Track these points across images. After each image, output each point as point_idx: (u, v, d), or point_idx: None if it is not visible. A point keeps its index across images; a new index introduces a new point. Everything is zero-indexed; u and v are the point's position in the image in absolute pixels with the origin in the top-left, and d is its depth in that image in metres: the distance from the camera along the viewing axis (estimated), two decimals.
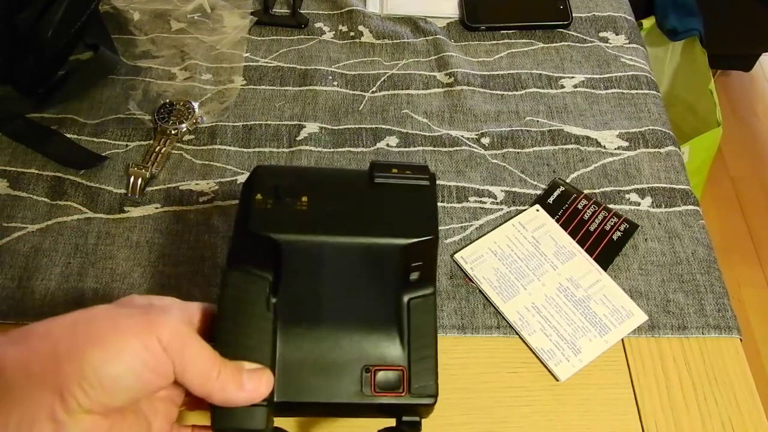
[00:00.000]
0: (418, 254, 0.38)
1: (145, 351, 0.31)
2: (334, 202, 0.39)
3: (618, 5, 0.76)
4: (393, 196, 0.40)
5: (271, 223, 0.37)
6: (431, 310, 0.39)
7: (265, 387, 0.35)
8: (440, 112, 0.66)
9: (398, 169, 0.40)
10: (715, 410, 0.49)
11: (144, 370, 0.31)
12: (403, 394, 0.38)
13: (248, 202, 0.38)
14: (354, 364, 0.38)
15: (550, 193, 0.60)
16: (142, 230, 0.57)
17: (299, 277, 0.38)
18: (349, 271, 0.38)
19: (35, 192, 0.59)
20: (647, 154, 0.63)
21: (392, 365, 0.38)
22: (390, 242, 0.38)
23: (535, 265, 0.55)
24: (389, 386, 0.38)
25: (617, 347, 0.52)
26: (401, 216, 0.39)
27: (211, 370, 0.33)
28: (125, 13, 0.72)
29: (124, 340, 0.31)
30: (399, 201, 0.39)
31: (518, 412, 0.49)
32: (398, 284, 0.39)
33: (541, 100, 0.67)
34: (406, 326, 0.39)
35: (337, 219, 0.38)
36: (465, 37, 0.73)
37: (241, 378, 0.34)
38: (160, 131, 0.63)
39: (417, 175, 0.40)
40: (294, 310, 0.38)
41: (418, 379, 0.38)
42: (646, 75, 0.70)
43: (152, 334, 0.31)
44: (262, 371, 0.35)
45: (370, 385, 0.37)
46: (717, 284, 0.55)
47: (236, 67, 0.68)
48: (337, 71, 0.69)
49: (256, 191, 0.38)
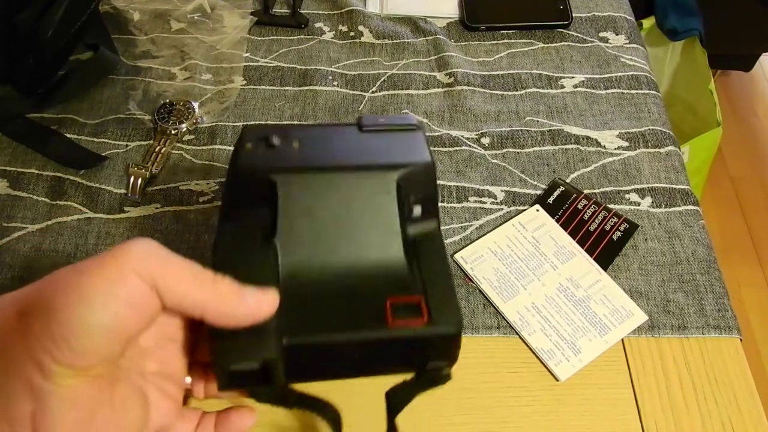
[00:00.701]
0: (416, 184, 0.37)
1: (116, 284, 0.27)
2: (326, 145, 0.38)
3: (618, 5, 0.76)
4: (383, 137, 0.39)
5: (262, 162, 0.36)
6: (438, 243, 0.37)
7: (268, 303, 0.31)
8: (440, 112, 0.66)
9: (385, 119, 0.40)
10: (715, 410, 0.49)
11: (119, 305, 0.27)
12: (424, 322, 0.33)
13: (238, 150, 0.37)
14: (366, 297, 0.34)
15: (550, 193, 0.60)
16: (142, 230, 0.57)
17: (297, 213, 0.36)
18: (349, 205, 0.36)
19: (35, 192, 0.59)
20: (647, 154, 0.63)
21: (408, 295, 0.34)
22: (386, 169, 0.37)
23: (535, 265, 0.55)
24: (407, 315, 0.34)
25: (617, 347, 0.52)
26: (394, 150, 0.38)
27: (204, 278, 0.30)
28: (125, 13, 0.72)
29: (88, 279, 0.27)
30: (390, 140, 0.39)
31: (518, 412, 0.49)
32: (401, 217, 0.37)
33: (541, 100, 0.67)
34: (416, 261, 0.36)
35: (330, 155, 0.37)
36: (465, 37, 0.73)
37: (242, 291, 0.31)
38: (160, 131, 0.63)
39: (403, 122, 0.40)
40: (295, 248, 0.35)
41: (439, 306, 0.34)
42: (646, 75, 0.70)
43: (120, 264, 0.28)
44: (265, 288, 0.32)
45: (387, 317, 0.33)
46: (717, 284, 0.55)
47: (236, 67, 0.68)
48: (337, 71, 0.69)
49: (245, 141, 0.37)
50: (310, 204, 0.36)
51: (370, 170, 0.37)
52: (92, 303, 0.27)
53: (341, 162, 0.37)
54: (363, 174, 0.37)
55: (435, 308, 0.34)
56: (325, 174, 0.36)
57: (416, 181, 0.37)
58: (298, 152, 0.37)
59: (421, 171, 0.37)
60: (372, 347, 0.34)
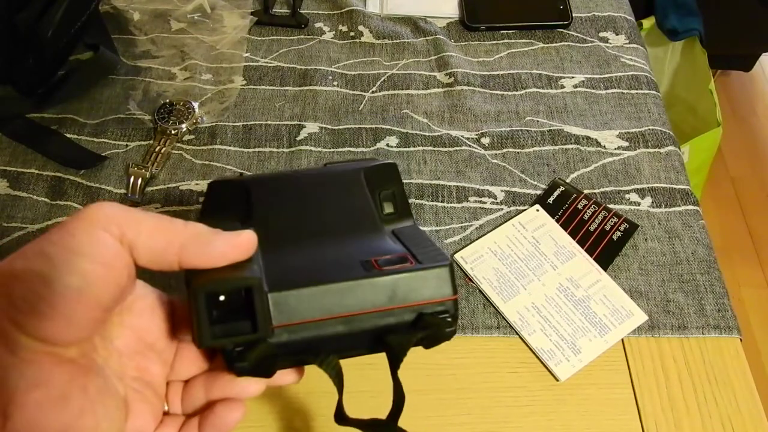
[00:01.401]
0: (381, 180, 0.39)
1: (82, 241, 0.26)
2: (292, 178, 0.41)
3: (618, 5, 0.76)
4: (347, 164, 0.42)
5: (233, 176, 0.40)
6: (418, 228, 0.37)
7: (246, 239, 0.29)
8: (440, 112, 0.66)
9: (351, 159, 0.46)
10: (715, 410, 0.49)
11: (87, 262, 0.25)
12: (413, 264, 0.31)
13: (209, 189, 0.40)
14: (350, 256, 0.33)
15: (550, 193, 0.60)
16: None
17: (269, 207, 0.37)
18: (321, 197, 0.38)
19: (35, 192, 0.59)
20: (647, 154, 0.63)
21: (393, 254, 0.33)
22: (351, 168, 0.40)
23: (535, 265, 0.55)
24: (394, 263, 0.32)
25: (617, 347, 0.52)
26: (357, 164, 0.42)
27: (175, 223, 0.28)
28: (125, 13, 0.72)
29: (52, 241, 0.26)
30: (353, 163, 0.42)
31: (518, 412, 0.49)
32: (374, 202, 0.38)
33: (541, 100, 0.67)
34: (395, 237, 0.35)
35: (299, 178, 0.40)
36: (465, 37, 0.73)
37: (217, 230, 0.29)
38: (160, 131, 0.63)
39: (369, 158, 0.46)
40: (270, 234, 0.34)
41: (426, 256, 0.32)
42: (646, 75, 0.70)
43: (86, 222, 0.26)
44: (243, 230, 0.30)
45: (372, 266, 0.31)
46: (717, 284, 0.55)
47: (236, 67, 0.68)
48: (337, 71, 0.69)
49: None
50: (283, 199, 0.37)
51: (337, 171, 0.40)
52: (57, 263, 0.25)
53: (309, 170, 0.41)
54: (331, 174, 0.40)
55: (421, 257, 0.32)
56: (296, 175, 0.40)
57: (380, 177, 0.40)
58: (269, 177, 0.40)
59: (383, 169, 0.40)
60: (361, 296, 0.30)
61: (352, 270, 0.31)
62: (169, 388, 0.35)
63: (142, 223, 0.27)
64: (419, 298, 0.31)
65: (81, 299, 0.25)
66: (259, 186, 0.38)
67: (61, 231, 0.26)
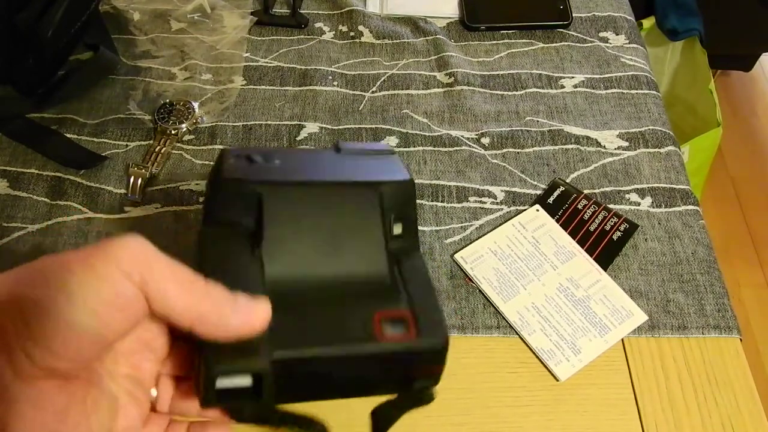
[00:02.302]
0: (396, 201, 0.37)
1: (104, 284, 0.26)
2: (306, 164, 0.38)
3: (618, 5, 0.76)
4: (361, 159, 0.40)
5: (247, 174, 0.36)
6: (420, 263, 0.37)
7: (262, 314, 0.30)
8: (440, 112, 0.66)
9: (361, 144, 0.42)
10: (715, 410, 0.49)
11: (105, 307, 0.26)
12: (412, 337, 0.34)
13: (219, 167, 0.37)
14: (354, 310, 0.34)
15: (550, 193, 0.60)
16: (142, 230, 0.57)
17: (282, 225, 0.35)
18: (333, 218, 0.36)
19: (35, 192, 0.59)
20: (647, 154, 0.63)
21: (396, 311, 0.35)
22: (368, 185, 0.37)
23: (535, 265, 0.55)
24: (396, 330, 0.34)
25: (617, 347, 0.52)
26: (373, 169, 0.39)
27: (196, 285, 0.28)
28: (125, 13, 0.72)
29: (75, 278, 0.25)
30: (368, 161, 0.40)
31: (518, 412, 0.49)
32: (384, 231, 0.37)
33: (541, 100, 0.67)
34: (401, 280, 0.36)
35: (312, 172, 0.37)
36: (465, 37, 0.73)
37: (235, 300, 0.29)
38: (160, 131, 0.63)
39: (379, 148, 0.42)
40: (280, 259, 0.35)
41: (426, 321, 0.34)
42: (646, 75, 0.70)
43: (109, 263, 0.26)
44: (258, 298, 0.30)
45: (375, 331, 0.33)
46: (717, 284, 0.55)
47: (236, 67, 0.69)
48: (337, 71, 0.69)
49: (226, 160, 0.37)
50: (295, 216, 0.36)
51: (353, 185, 0.37)
52: (78, 304, 0.25)
53: (324, 177, 0.37)
54: (346, 188, 0.37)
55: (422, 322, 0.34)
56: (310, 188, 0.36)
57: (396, 198, 0.37)
58: (280, 169, 0.37)
59: (401, 189, 0.38)
60: (361, 362, 0.33)
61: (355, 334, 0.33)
62: (159, 382, 0.35)
63: (168, 282, 0.27)
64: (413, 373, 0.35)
65: (92, 338, 0.26)
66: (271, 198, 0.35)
67: (84, 263, 0.26)
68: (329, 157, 0.40)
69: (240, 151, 0.38)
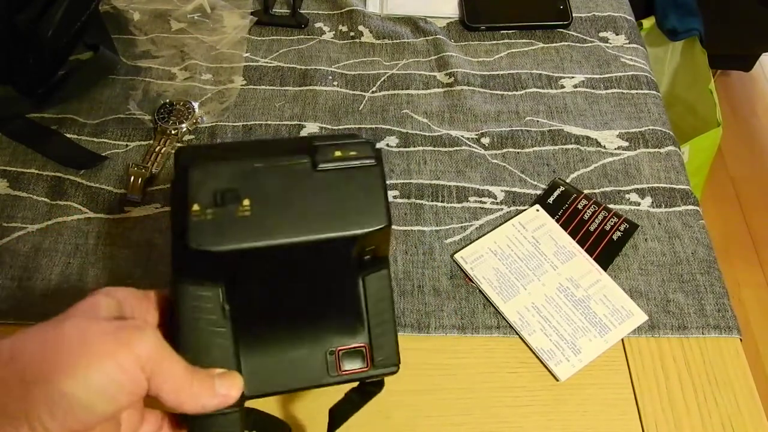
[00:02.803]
0: (371, 241, 0.38)
1: (121, 373, 0.30)
2: (278, 201, 0.37)
3: (618, 5, 0.76)
4: (339, 185, 0.37)
5: (213, 238, 0.35)
6: (385, 280, 0.41)
7: (236, 390, 0.35)
8: (440, 112, 0.66)
9: (342, 151, 0.38)
10: (715, 410, 0.49)
11: (118, 392, 0.30)
12: (367, 369, 0.40)
13: (184, 214, 0.35)
14: (317, 350, 0.40)
15: (550, 193, 0.60)
16: (142, 230, 0.57)
17: (252, 282, 0.37)
18: (303, 269, 0.38)
19: (35, 192, 0.59)
20: (647, 154, 0.63)
21: (354, 344, 0.40)
22: (342, 236, 0.36)
23: (535, 265, 0.55)
24: (354, 364, 0.40)
25: (617, 347, 0.52)
26: (351, 207, 0.37)
27: (185, 381, 0.33)
28: (125, 13, 0.72)
29: (97, 364, 0.29)
30: (347, 189, 0.37)
31: (518, 412, 0.49)
32: (353, 270, 0.40)
33: (541, 100, 0.67)
34: (364, 303, 0.40)
35: (284, 221, 0.36)
36: (465, 37, 0.73)
37: (213, 384, 0.34)
38: (160, 131, 0.63)
39: (363, 156, 0.38)
40: (250, 311, 0.38)
41: (381, 352, 0.40)
42: (646, 75, 0.70)
43: (130, 355, 0.30)
44: (232, 375, 0.36)
45: (336, 366, 0.40)
46: (717, 284, 0.55)
47: (236, 67, 0.68)
48: (337, 71, 0.69)
49: (191, 201, 0.35)
50: (265, 271, 0.37)
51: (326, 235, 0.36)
52: (97, 389, 0.29)
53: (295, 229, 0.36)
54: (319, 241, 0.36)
55: (378, 353, 0.40)
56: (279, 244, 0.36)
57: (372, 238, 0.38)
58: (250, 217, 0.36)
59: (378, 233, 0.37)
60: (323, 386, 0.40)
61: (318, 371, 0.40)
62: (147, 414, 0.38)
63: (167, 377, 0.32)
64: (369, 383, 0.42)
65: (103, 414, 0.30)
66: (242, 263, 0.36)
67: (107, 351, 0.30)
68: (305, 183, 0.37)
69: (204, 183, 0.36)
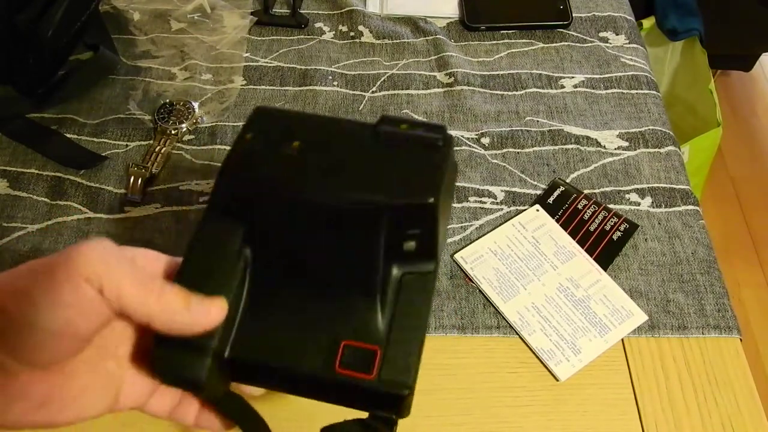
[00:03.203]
0: (412, 220, 0.33)
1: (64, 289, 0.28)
2: (326, 152, 0.34)
3: (618, 5, 0.76)
4: (395, 153, 0.34)
5: (251, 165, 0.34)
6: (427, 290, 0.34)
7: (216, 312, 0.31)
8: (440, 112, 0.66)
9: (409, 125, 0.35)
10: (715, 410, 0.49)
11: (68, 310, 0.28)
12: (370, 377, 0.32)
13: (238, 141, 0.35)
14: (322, 332, 0.33)
15: (550, 193, 0.60)
16: (142, 230, 0.57)
17: (275, 229, 0.34)
18: (332, 231, 0.33)
19: (35, 192, 0.59)
20: (647, 154, 0.63)
21: (366, 343, 0.33)
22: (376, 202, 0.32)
23: (535, 265, 0.55)
24: (356, 365, 0.32)
25: (617, 347, 0.52)
26: (398, 174, 0.34)
27: (151, 287, 0.30)
28: (125, 13, 0.72)
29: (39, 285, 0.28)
30: (401, 158, 0.34)
31: (518, 412, 0.49)
32: (388, 252, 0.33)
33: (541, 100, 0.67)
34: (393, 302, 0.33)
35: (324, 172, 0.33)
36: (465, 37, 0.73)
37: (189, 298, 0.31)
38: (160, 131, 0.63)
39: (429, 133, 0.35)
40: (267, 264, 0.34)
41: (392, 364, 0.32)
42: (646, 75, 0.70)
43: (70, 269, 0.28)
44: (214, 298, 0.31)
45: (335, 361, 0.32)
46: (717, 284, 0.55)
47: (236, 67, 0.68)
48: (337, 71, 0.69)
49: (247, 131, 0.35)
50: (291, 221, 0.34)
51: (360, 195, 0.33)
52: (41, 309, 0.28)
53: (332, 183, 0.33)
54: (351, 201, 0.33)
55: (388, 364, 0.32)
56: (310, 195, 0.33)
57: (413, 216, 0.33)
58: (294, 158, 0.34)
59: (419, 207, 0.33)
60: (314, 384, 0.33)
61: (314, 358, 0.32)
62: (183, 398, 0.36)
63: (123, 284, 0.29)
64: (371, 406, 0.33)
65: (62, 339, 0.29)
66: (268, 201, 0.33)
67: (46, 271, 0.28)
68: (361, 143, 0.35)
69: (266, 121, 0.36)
